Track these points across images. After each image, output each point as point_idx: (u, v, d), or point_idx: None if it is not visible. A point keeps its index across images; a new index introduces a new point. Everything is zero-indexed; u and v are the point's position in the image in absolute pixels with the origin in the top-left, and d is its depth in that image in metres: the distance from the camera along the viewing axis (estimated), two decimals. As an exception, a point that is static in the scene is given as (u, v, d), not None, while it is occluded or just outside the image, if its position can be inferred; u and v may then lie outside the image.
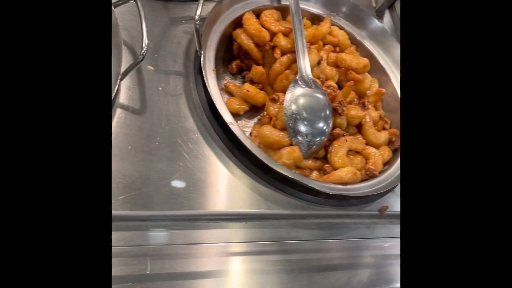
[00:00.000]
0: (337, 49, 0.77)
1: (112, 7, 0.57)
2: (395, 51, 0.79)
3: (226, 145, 0.60)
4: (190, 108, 0.60)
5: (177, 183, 0.54)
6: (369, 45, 0.79)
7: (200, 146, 0.58)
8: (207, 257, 0.52)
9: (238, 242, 0.54)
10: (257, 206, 0.57)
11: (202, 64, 0.61)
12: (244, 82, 0.73)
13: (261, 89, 0.71)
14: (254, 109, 0.70)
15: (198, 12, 0.60)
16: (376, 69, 0.79)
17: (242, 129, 0.68)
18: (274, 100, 0.67)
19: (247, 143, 0.58)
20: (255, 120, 0.70)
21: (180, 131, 0.58)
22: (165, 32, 0.65)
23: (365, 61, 0.73)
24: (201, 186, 0.55)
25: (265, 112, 0.68)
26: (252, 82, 0.72)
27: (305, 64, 0.67)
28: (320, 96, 0.66)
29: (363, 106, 0.72)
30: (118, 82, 0.54)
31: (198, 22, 0.59)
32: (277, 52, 0.70)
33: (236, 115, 0.68)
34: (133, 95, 0.58)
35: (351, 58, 0.73)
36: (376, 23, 0.79)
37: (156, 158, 0.54)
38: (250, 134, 0.67)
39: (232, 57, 0.74)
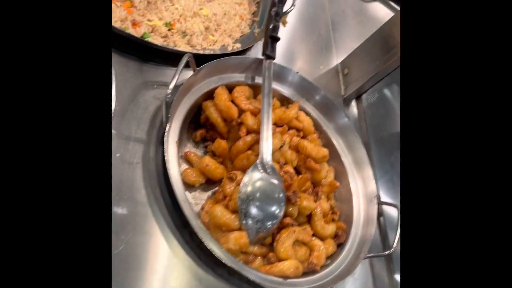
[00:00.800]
0: (301, 133, 0.80)
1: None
2: (357, 148, 0.81)
3: (174, 222, 0.59)
4: (145, 179, 0.60)
5: (115, 260, 0.52)
6: (332, 136, 0.82)
7: (148, 221, 0.57)
8: None
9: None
10: (194, 293, 0.56)
11: (165, 137, 0.61)
12: (206, 152, 0.73)
13: (221, 163, 0.72)
14: (210, 181, 0.70)
15: (171, 86, 0.60)
16: (334, 156, 0.82)
17: (195, 201, 0.68)
18: (231, 179, 0.68)
19: (195, 224, 0.58)
20: (210, 193, 0.70)
21: (130, 203, 0.57)
22: (134, 95, 0.65)
23: (325, 152, 0.76)
24: (139, 265, 0.54)
25: (221, 189, 0.68)
26: (213, 153, 0.72)
27: (267, 150, 0.68)
28: (276, 183, 0.67)
29: (316, 195, 0.74)
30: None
31: (169, 96, 0.60)
32: (243, 130, 0.72)
33: (191, 186, 0.68)
34: (88, 158, 0.57)
35: (312, 147, 0.75)
36: (344, 118, 0.82)
37: (99, 230, 0.53)
38: (202, 208, 0.67)
39: (198, 125, 0.74)
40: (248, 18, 0.86)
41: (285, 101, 0.82)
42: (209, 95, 0.73)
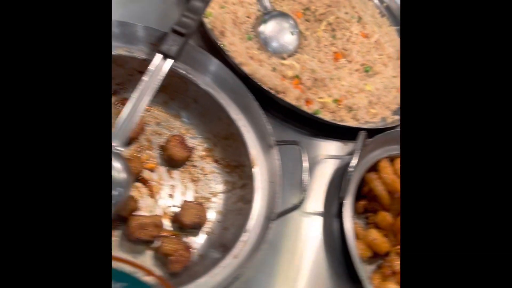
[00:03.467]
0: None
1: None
2: None
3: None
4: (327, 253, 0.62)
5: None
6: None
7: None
8: None
9: None
10: None
11: (343, 211, 0.63)
12: (366, 222, 0.74)
13: (385, 235, 0.72)
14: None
15: (354, 163, 0.63)
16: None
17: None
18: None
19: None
20: (374, 266, 0.70)
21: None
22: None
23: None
24: None
25: (388, 264, 0.68)
26: (376, 225, 0.73)
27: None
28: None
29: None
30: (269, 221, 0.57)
31: (352, 169, 0.63)
32: (407, 204, 0.72)
33: (357, 259, 0.69)
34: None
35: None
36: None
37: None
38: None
39: (358, 195, 0.76)
40: (402, 90, 0.88)
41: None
42: (372, 168, 0.74)
